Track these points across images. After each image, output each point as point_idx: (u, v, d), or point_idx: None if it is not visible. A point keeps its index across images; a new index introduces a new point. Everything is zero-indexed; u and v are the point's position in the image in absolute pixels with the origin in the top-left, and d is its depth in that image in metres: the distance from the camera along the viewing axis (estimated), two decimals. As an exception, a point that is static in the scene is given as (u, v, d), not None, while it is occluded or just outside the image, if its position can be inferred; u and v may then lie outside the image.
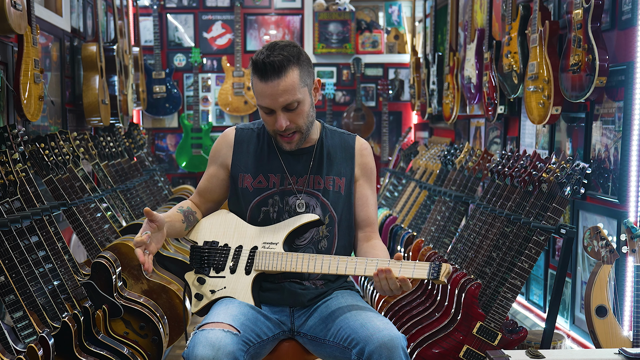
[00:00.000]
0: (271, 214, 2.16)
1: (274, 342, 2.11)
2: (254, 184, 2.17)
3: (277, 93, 1.99)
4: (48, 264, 2.58)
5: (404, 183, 5.02)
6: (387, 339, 1.84)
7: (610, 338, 2.45)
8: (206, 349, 1.81)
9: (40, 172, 3.05)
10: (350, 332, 1.94)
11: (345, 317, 2.00)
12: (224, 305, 2.02)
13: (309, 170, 2.17)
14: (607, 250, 2.47)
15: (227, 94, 6.43)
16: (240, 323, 1.95)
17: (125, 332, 2.97)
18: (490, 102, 3.94)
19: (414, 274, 1.86)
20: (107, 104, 4.34)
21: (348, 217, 2.21)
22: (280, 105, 2.01)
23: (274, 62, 1.97)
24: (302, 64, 2.03)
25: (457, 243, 3.29)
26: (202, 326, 1.92)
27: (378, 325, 1.90)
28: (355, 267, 1.96)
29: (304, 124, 2.08)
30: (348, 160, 2.21)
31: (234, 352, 1.85)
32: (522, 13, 3.46)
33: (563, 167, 2.57)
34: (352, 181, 2.21)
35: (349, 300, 2.11)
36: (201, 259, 2.12)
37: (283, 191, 2.16)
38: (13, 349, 2.21)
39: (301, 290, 2.14)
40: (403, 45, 6.79)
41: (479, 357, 2.68)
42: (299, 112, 2.05)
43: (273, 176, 2.16)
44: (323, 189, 2.17)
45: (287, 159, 2.17)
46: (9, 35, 3.13)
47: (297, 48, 2.04)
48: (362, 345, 1.88)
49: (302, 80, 2.03)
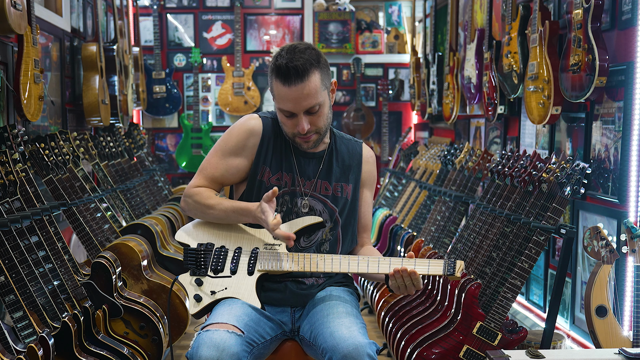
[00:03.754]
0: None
1: (276, 342, 2.12)
2: (272, 179, 2.16)
3: (300, 97, 1.99)
4: (48, 264, 2.58)
5: (404, 183, 5.02)
6: (351, 349, 1.85)
7: (610, 338, 2.45)
8: (210, 349, 1.81)
9: (40, 172, 3.05)
10: (322, 341, 1.95)
11: (322, 323, 2.01)
12: (227, 306, 2.02)
13: (317, 174, 2.18)
14: (607, 250, 2.47)
15: (227, 94, 6.43)
16: (244, 324, 1.95)
17: (125, 332, 2.97)
18: (490, 102, 3.94)
19: (430, 270, 1.94)
20: (107, 104, 4.34)
21: (352, 222, 2.23)
22: (302, 109, 2.02)
23: (297, 67, 1.96)
24: (322, 66, 2.03)
25: (457, 243, 3.29)
26: (206, 327, 1.91)
27: (344, 334, 1.91)
28: (367, 265, 1.99)
29: (323, 125, 2.09)
30: (356, 168, 2.23)
31: (238, 353, 1.85)
32: (522, 13, 3.46)
33: (563, 167, 2.56)
34: (358, 188, 2.23)
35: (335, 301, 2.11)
36: (197, 260, 2.11)
37: (293, 192, 2.16)
38: (13, 349, 2.21)
39: (302, 291, 2.15)
40: (403, 45, 6.79)
41: (479, 357, 2.68)
42: (320, 114, 2.06)
43: (286, 175, 2.16)
44: (332, 195, 2.18)
45: (299, 160, 2.17)
46: (9, 35, 3.13)
47: (316, 51, 2.04)
48: (329, 355, 1.90)
49: (323, 83, 2.03)
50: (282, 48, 2.04)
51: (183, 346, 3.61)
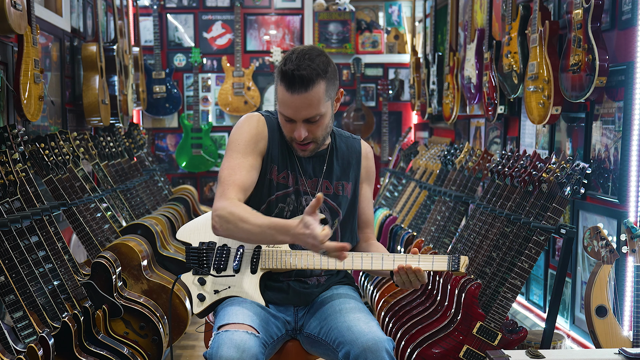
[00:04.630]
0: (285, 213, 2.14)
1: (281, 342, 2.13)
2: (279, 178, 2.14)
3: (301, 106, 1.98)
4: (48, 264, 2.58)
5: (404, 183, 5.02)
6: (371, 343, 1.86)
7: (610, 338, 2.45)
8: (231, 350, 1.81)
9: (40, 172, 3.05)
10: (338, 335, 1.95)
11: (335, 318, 2.01)
12: (237, 305, 2.01)
13: (321, 174, 2.17)
14: (607, 250, 2.47)
15: (227, 94, 6.43)
16: (257, 324, 1.95)
17: (125, 332, 2.97)
18: (490, 102, 3.94)
19: (434, 266, 1.94)
20: (107, 104, 4.34)
21: (352, 219, 2.23)
22: (302, 117, 2.01)
23: (303, 76, 1.94)
24: (329, 77, 2.00)
25: (457, 243, 3.29)
26: (223, 326, 1.90)
27: (363, 328, 1.92)
28: (371, 262, 1.99)
29: (321, 135, 2.08)
30: (355, 165, 2.22)
31: (257, 355, 1.85)
32: (522, 13, 3.46)
33: (563, 167, 2.56)
34: (358, 184, 2.23)
35: (343, 297, 2.12)
36: (199, 259, 2.11)
37: (297, 191, 2.15)
38: (13, 349, 2.21)
39: (305, 290, 2.15)
40: (403, 45, 6.79)
41: (479, 357, 2.68)
42: (320, 124, 2.04)
43: (290, 174, 2.15)
44: (333, 194, 2.17)
45: (301, 159, 2.16)
46: (9, 35, 3.13)
47: (326, 59, 2.01)
48: (347, 349, 1.90)
49: (327, 94, 2.01)
50: (293, 50, 2.00)
51: (183, 346, 3.61)
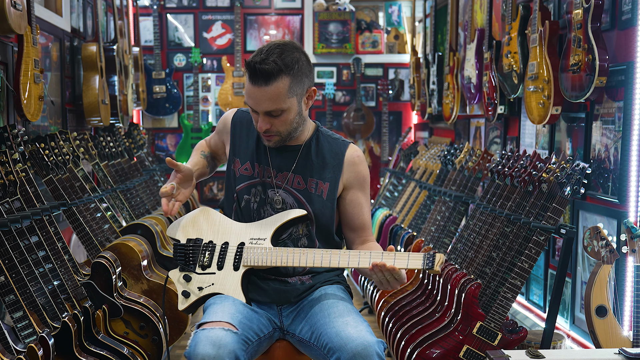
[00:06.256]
0: (252, 204, 2.18)
1: (269, 341, 2.13)
2: (240, 169, 2.20)
3: (261, 99, 2.01)
4: (48, 264, 2.58)
5: (404, 183, 5.02)
6: (360, 349, 1.85)
7: (610, 338, 2.45)
8: (208, 347, 1.83)
9: (40, 172, 3.05)
10: (327, 341, 1.95)
11: (325, 323, 2.00)
12: (219, 303, 2.02)
13: (291, 168, 2.17)
14: (607, 250, 2.47)
15: (227, 94, 6.43)
16: (238, 321, 1.96)
17: (125, 332, 2.97)
18: (490, 102, 3.94)
19: (409, 264, 1.91)
20: (107, 104, 4.34)
21: (329, 222, 2.20)
22: (262, 110, 2.03)
23: (264, 70, 1.96)
24: (295, 73, 2.01)
25: (457, 243, 3.29)
26: (202, 325, 1.93)
27: (351, 333, 1.91)
28: (348, 260, 1.99)
29: (284, 130, 2.09)
30: (335, 167, 2.19)
31: (235, 351, 1.86)
32: (522, 13, 3.46)
33: (563, 167, 2.57)
34: (337, 188, 2.18)
35: (332, 299, 2.11)
36: (186, 256, 2.13)
37: (264, 182, 2.18)
38: (13, 349, 2.21)
39: (286, 288, 2.16)
40: (403, 45, 6.79)
41: (479, 357, 2.68)
42: (282, 119, 2.05)
43: (258, 166, 2.19)
44: (304, 189, 2.17)
45: (272, 151, 2.19)
46: (9, 35, 3.13)
47: (296, 56, 2.02)
48: (337, 355, 1.89)
49: (291, 90, 2.02)
50: (269, 44, 2.03)
51: (183, 346, 3.61)
